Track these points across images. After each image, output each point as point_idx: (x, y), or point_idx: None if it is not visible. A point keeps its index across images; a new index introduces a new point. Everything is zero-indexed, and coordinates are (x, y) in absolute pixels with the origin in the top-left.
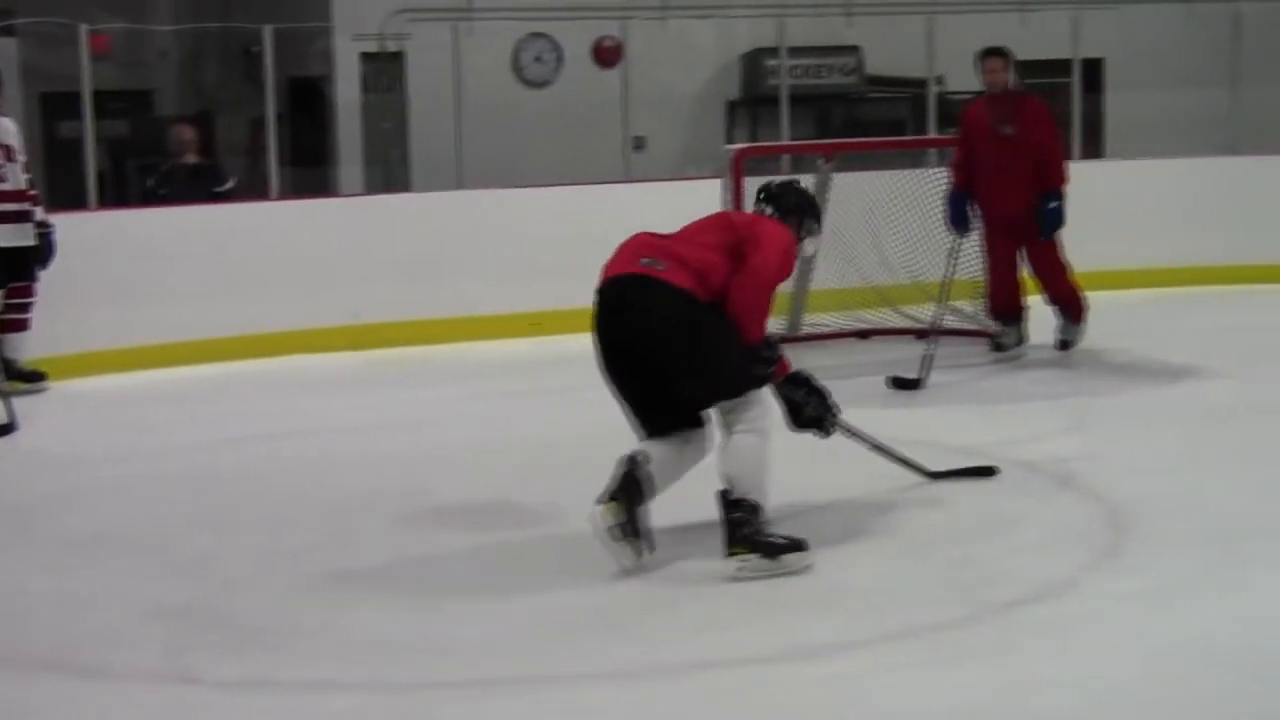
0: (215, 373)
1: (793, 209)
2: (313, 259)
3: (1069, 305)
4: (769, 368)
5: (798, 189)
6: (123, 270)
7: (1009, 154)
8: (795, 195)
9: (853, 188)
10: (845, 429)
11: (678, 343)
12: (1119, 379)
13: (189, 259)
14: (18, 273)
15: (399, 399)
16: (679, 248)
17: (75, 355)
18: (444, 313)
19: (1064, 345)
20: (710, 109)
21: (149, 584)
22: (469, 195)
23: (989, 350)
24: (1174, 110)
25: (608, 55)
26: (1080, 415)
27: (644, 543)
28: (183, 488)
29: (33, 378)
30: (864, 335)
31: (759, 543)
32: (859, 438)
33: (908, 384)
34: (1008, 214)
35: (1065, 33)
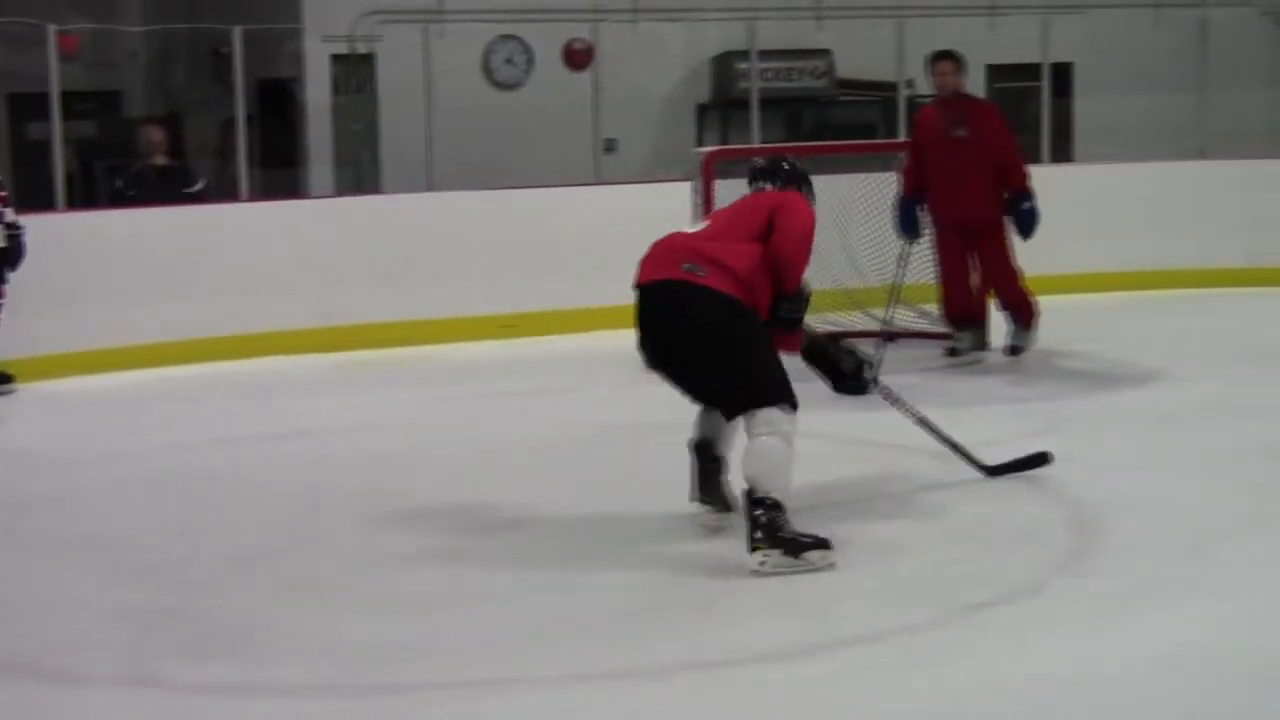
0: (182, 375)
1: (790, 179)
2: (283, 261)
3: (1019, 310)
4: (801, 311)
5: (786, 159)
6: (91, 272)
7: (961, 156)
8: (787, 166)
9: (823, 191)
10: (886, 394)
11: (713, 354)
12: (1087, 382)
13: (158, 261)
14: None
15: (369, 401)
16: (716, 251)
17: (44, 357)
18: (415, 314)
19: (1014, 351)
20: (681, 112)
21: (116, 588)
22: (439, 197)
23: (943, 355)
24: (1142, 114)
25: (578, 58)
26: (1048, 418)
27: (733, 507)
28: (152, 490)
29: (0, 379)
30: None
31: (782, 539)
32: (902, 406)
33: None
34: (960, 216)
35: (1034, 37)
